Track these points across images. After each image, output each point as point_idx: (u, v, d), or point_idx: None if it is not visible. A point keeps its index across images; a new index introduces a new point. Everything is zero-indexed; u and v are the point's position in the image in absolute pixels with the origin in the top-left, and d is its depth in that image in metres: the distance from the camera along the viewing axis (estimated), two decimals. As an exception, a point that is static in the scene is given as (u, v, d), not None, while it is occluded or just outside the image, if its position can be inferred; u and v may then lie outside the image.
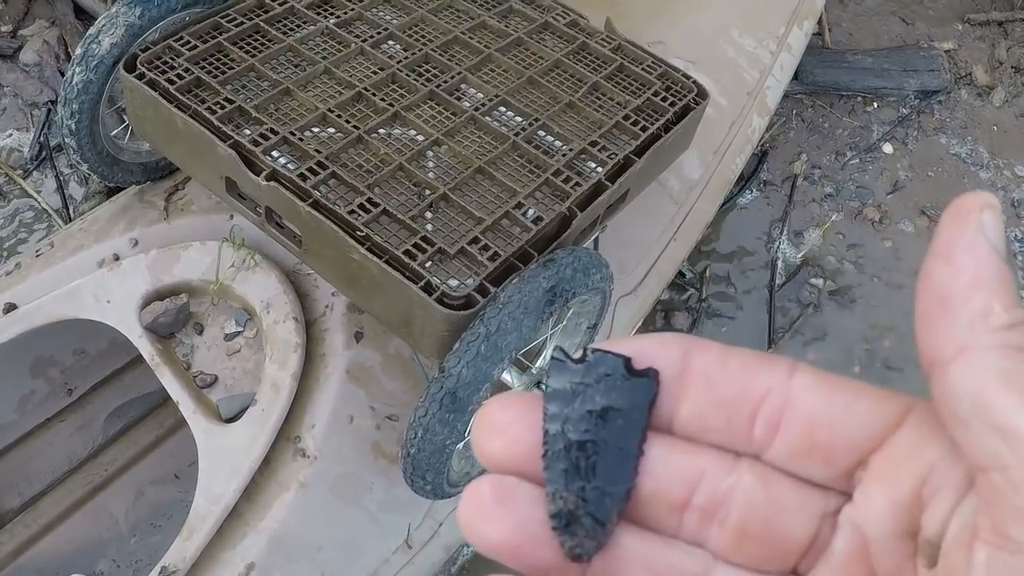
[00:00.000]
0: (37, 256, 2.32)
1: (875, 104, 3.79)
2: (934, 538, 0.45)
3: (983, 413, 0.42)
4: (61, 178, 3.16)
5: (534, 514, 0.50)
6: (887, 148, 3.69)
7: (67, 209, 3.11)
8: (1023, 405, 0.41)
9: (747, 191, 3.49)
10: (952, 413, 0.44)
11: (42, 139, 3.21)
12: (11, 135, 3.23)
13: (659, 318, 3.18)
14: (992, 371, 0.42)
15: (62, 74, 3.24)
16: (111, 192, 2.75)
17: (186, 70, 1.90)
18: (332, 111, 1.90)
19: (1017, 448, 0.40)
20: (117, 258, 2.21)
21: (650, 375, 0.50)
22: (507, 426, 0.51)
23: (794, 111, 3.70)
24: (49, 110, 3.23)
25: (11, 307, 2.14)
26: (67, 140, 2.11)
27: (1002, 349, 0.42)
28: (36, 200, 3.14)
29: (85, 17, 3.40)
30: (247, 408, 1.99)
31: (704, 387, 0.50)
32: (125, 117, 2.19)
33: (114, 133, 2.22)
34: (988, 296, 0.43)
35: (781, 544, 0.50)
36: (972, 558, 0.43)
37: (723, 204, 3.07)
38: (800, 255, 3.38)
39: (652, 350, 0.52)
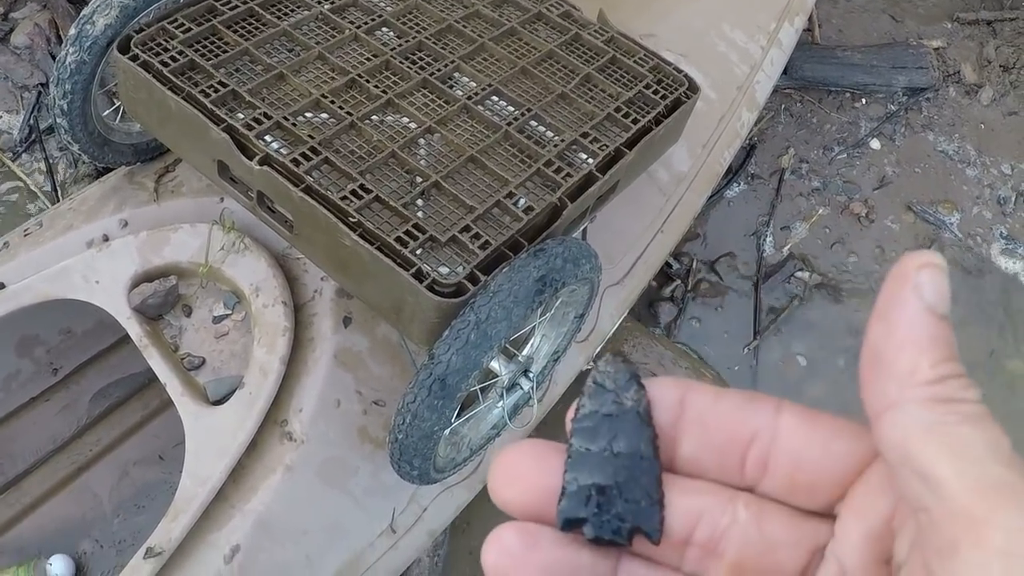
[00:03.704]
0: (26, 236, 2.31)
1: (863, 100, 3.81)
2: (902, 564, 0.49)
3: (908, 461, 0.46)
4: (51, 160, 3.16)
5: (559, 555, 0.53)
6: (875, 144, 3.71)
7: (56, 191, 3.11)
8: (941, 453, 0.45)
9: (735, 184, 3.50)
10: (887, 461, 0.48)
11: (32, 121, 3.21)
12: (1, 117, 3.23)
13: (645, 310, 3.20)
14: (916, 424, 0.46)
15: (53, 57, 3.24)
16: (100, 174, 2.74)
17: (180, 52, 1.89)
18: (325, 97, 1.90)
19: (936, 491, 0.44)
20: (106, 239, 2.21)
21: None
22: (523, 474, 0.54)
23: (783, 106, 3.72)
24: (39, 92, 3.23)
25: (-1, 286, 2.14)
26: (59, 120, 2.11)
27: (926, 403, 0.46)
28: (25, 182, 3.13)
29: (77, 0, 3.40)
30: (235, 391, 1.99)
31: (698, 431, 0.54)
32: (116, 99, 2.19)
33: (105, 114, 2.22)
34: (917, 354, 0.47)
35: None
36: None
37: (710, 197, 3.08)
38: (786, 248, 3.39)
39: (651, 395, 0.55)
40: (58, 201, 3.00)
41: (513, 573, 0.52)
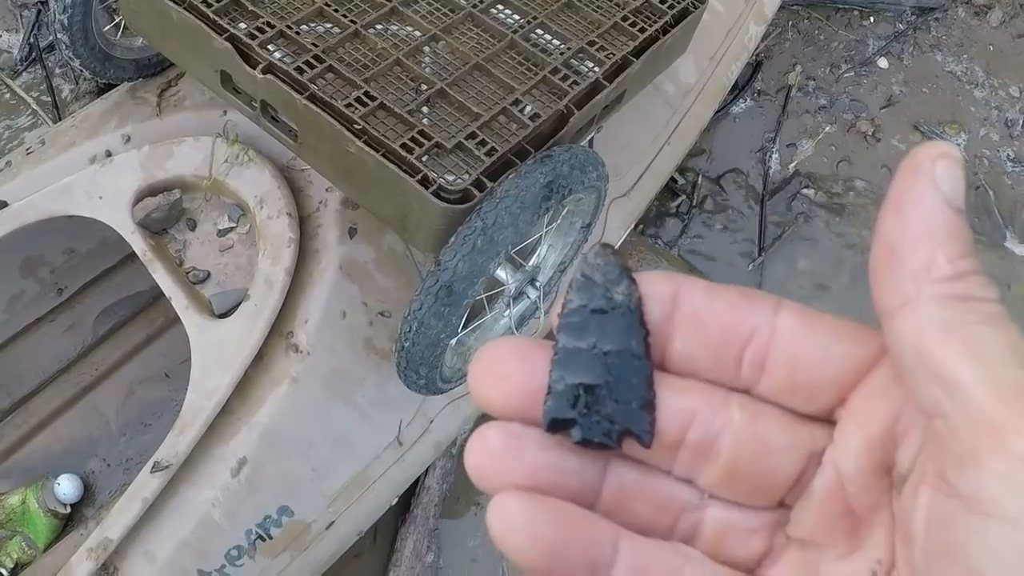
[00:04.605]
0: (28, 154, 2.30)
1: (871, 18, 3.76)
2: (906, 474, 0.47)
3: (925, 363, 0.43)
4: (51, 78, 3.14)
5: (544, 458, 0.51)
6: (882, 63, 3.68)
7: (57, 110, 3.09)
8: (961, 355, 0.43)
9: (741, 100, 3.48)
10: (900, 363, 0.45)
11: (32, 40, 3.19)
12: (0, 36, 3.20)
13: (650, 224, 3.19)
14: (933, 323, 0.44)
15: (52, -27, 3.21)
16: (101, 92, 2.73)
17: (180, -38, 1.87)
18: (329, 5, 1.87)
19: (955, 396, 0.42)
20: (109, 154, 2.19)
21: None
22: (507, 372, 0.52)
23: (790, 22, 3.68)
24: (39, 10, 3.20)
25: (2, 204, 2.12)
26: (60, 36, 2.09)
27: (944, 300, 0.44)
28: (26, 100, 3.12)
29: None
30: (240, 303, 1.98)
31: (692, 327, 0.52)
32: (117, 14, 2.17)
33: (106, 29, 2.20)
34: (933, 248, 0.44)
35: (768, 482, 0.52)
36: (916, 499, 0.45)
37: (717, 112, 3.06)
38: (792, 165, 3.38)
39: (642, 290, 0.53)
40: (60, 119, 2.99)
41: (496, 476, 0.50)
